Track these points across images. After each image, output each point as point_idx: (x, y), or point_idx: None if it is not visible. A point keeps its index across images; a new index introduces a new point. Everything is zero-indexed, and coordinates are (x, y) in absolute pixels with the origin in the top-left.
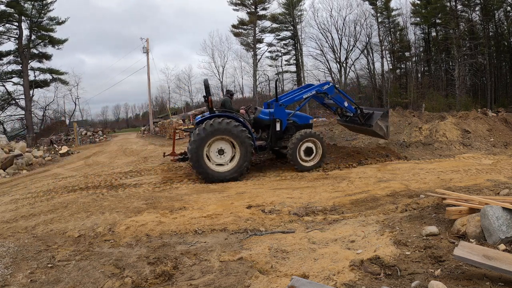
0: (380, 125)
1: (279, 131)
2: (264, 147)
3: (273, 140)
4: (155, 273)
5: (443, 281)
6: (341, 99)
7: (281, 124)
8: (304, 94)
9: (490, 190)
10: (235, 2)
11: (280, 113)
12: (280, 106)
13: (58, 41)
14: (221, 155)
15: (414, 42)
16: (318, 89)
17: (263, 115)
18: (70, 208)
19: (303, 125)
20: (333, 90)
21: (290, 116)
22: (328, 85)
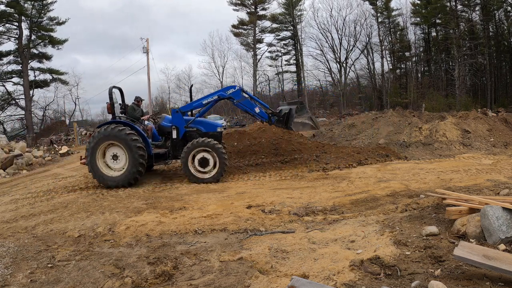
0: (300, 122)
1: (176, 138)
2: (164, 155)
3: (173, 148)
4: (155, 273)
5: (443, 281)
6: (250, 104)
7: (178, 131)
8: (204, 100)
9: (490, 190)
10: (235, 2)
11: (177, 120)
12: (177, 112)
13: (58, 41)
14: (115, 160)
15: (414, 42)
16: (221, 94)
17: (165, 122)
18: (70, 208)
19: (209, 133)
20: (239, 94)
21: (189, 123)
22: (233, 89)
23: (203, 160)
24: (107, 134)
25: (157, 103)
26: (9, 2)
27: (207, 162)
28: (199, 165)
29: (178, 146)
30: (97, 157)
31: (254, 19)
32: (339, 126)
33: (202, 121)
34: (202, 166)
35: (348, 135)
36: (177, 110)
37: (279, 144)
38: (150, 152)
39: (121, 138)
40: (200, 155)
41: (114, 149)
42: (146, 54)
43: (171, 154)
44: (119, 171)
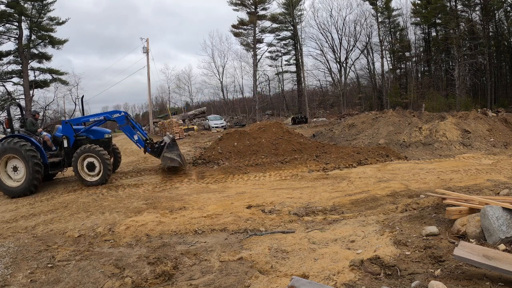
0: (169, 157)
1: (67, 147)
2: (59, 163)
3: (66, 156)
4: (155, 273)
5: (443, 281)
6: (131, 131)
7: (68, 140)
8: (91, 118)
9: (490, 190)
10: (235, 2)
11: (67, 130)
12: (66, 123)
13: (58, 41)
14: (16, 171)
15: (414, 42)
16: (107, 116)
17: (58, 132)
18: (70, 208)
19: (99, 140)
20: (123, 120)
21: (80, 132)
22: (119, 114)
23: (90, 164)
24: (6, 147)
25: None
26: (9, 2)
27: (94, 167)
28: (87, 169)
29: (70, 154)
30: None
31: (254, 19)
32: (339, 126)
33: (91, 130)
34: (90, 170)
35: (348, 135)
36: (66, 121)
37: (279, 144)
38: (46, 161)
39: (17, 150)
40: (87, 160)
41: (14, 162)
42: (146, 54)
43: (65, 162)
44: (19, 181)
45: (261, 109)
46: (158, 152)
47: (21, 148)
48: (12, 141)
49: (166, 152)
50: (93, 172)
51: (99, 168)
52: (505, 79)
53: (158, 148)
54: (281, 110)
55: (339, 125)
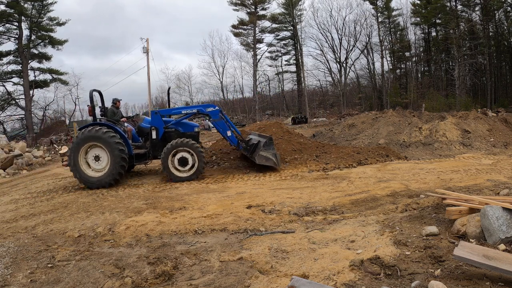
0: (264, 156)
1: (155, 139)
2: (144, 155)
3: (153, 148)
4: (155, 273)
5: (443, 281)
6: (224, 126)
7: (157, 132)
8: (184, 110)
9: (490, 190)
10: (235, 2)
11: (156, 121)
12: (156, 114)
13: (58, 42)
14: (97, 161)
15: (414, 42)
16: (201, 109)
17: (145, 123)
18: (70, 208)
19: (187, 133)
20: (217, 114)
21: (170, 124)
22: (213, 108)
23: (183, 159)
24: (90, 135)
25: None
26: (9, 2)
27: (186, 162)
28: (178, 164)
29: (157, 146)
30: (79, 158)
31: (254, 19)
32: (339, 126)
33: (180, 122)
34: (181, 165)
35: (348, 135)
36: (156, 111)
37: (279, 144)
38: (131, 152)
39: (103, 139)
40: (180, 154)
41: (96, 151)
42: (146, 54)
43: (151, 154)
44: (100, 171)
45: (261, 109)
46: (251, 150)
47: (106, 136)
48: (99, 130)
49: (262, 150)
50: (185, 167)
51: (192, 164)
52: (505, 79)
53: (251, 146)
54: (281, 110)
55: (339, 125)
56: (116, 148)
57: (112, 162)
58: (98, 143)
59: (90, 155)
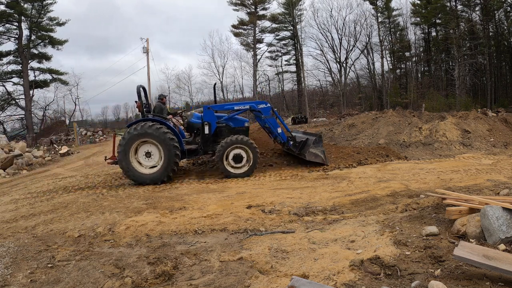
0: (314, 153)
1: (208, 134)
2: (195, 150)
3: (203, 144)
4: (155, 273)
5: (443, 281)
6: (275, 123)
7: (210, 127)
8: (236, 106)
9: (490, 190)
10: (235, 2)
11: (209, 116)
12: (209, 109)
13: (58, 42)
14: (149, 157)
15: (414, 42)
16: (253, 105)
17: (195, 118)
18: (70, 208)
19: (237, 128)
20: (269, 111)
21: (222, 119)
22: (265, 105)
23: (237, 156)
24: (142, 132)
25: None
26: (9, 2)
27: (241, 158)
28: (233, 160)
29: (209, 142)
30: (130, 155)
31: (254, 19)
32: (339, 126)
33: (232, 117)
34: (236, 162)
35: (348, 135)
36: (209, 107)
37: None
38: (183, 148)
39: (156, 135)
40: (235, 151)
41: (147, 147)
42: (146, 54)
43: (201, 149)
44: (151, 168)
45: None
46: (299, 147)
47: (160, 132)
48: (146, 125)
49: (312, 148)
50: (239, 164)
51: (246, 160)
52: (505, 79)
53: (299, 143)
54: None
55: (339, 125)
56: (171, 144)
57: (166, 158)
58: (151, 139)
59: (141, 152)
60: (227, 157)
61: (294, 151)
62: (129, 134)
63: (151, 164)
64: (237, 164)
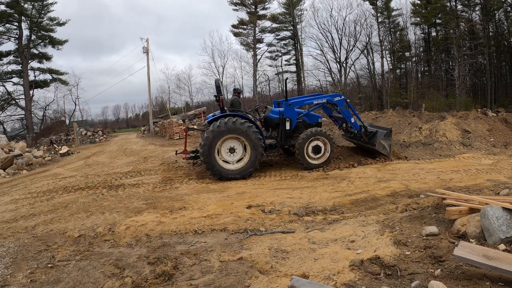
0: (383, 145)
1: (289, 129)
2: (274, 145)
3: (283, 139)
4: (155, 273)
5: (443, 281)
6: (349, 113)
7: (291, 123)
8: (315, 100)
9: (490, 190)
10: (235, 2)
11: (290, 112)
12: (290, 105)
13: (58, 42)
14: (232, 153)
15: (414, 42)
16: (329, 99)
17: (273, 114)
18: (70, 208)
19: (312, 124)
20: (343, 103)
21: (301, 115)
22: (340, 97)
23: (316, 147)
24: (228, 127)
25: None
26: (9, 2)
27: (319, 150)
28: (312, 151)
29: (288, 137)
30: (215, 150)
31: (254, 19)
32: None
33: (308, 113)
34: (315, 153)
35: None
36: (290, 103)
37: None
38: (265, 143)
39: (242, 131)
40: (314, 143)
41: (230, 142)
42: (146, 54)
43: (279, 144)
44: (235, 163)
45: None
46: (370, 136)
47: (249, 129)
48: (238, 121)
49: (383, 139)
50: (318, 155)
51: (323, 152)
52: (505, 79)
53: (370, 133)
54: None
55: None
56: (258, 140)
57: (253, 154)
58: (238, 135)
59: (224, 148)
60: (307, 149)
61: (364, 139)
62: (215, 130)
63: (234, 160)
64: (317, 155)
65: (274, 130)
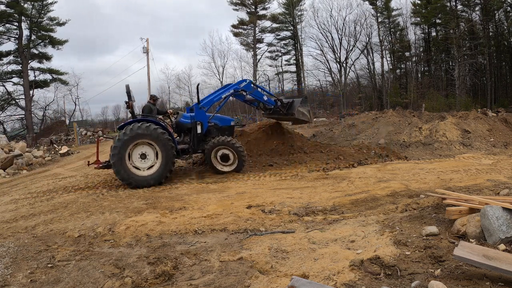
0: (301, 111)
1: (200, 133)
2: (187, 150)
3: (195, 143)
4: (155, 273)
5: (443, 281)
6: (260, 94)
7: (202, 126)
8: (222, 94)
9: (490, 190)
10: (235, 2)
11: (201, 115)
12: (201, 109)
13: (58, 42)
14: (144, 159)
15: (414, 42)
16: (236, 87)
17: (184, 118)
18: (70, 208)
19: (225, 127)
20: (250, 86)
21: (210, 118)
22: (245, 82)
23: (224, 155)
24: (139, 132)
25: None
26: (9, 2)
27: (228, 157)
28: (221, 159)
29: (200, 141)
30: (125, 157)
31: (254, 19)
32: (339, 126)
33: (217, 116)
34: (224, 161)
35: (348, 135)
36: (201, 106)
37: (279, 144)
38: (177, 148)
39: (154, 136)
40: (221, 151)
41: (142, 148)
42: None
43: (192, 149)
44: (147, 170)
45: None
46: (287, 107)
47: (156, 132)
48: (144, 125)
49: (300, 106)
50: (228, 162)
51: (233, 159)
52: (505, 79)
53: (287, 103)
54: None
55: (339, 125)
56: (169, 145)
57: (164, 159)
58: (149, 140)
59: (135, 154)
60: (216, 157)
61: (283, 111)
62: (124, 136)
63: (146, 166)
64: (227, 163)
65: (187, 135)
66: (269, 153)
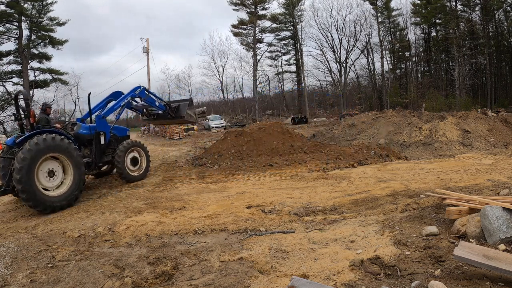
0: (189, 114)
1: (103, 144)
2: (90, 163)
3: (97, 156)
4: (155, 273)
5: (443, 281)
6: (152, 99)
7: (105, 137)
8: (121, 102)
9: (490, 190)
10: (235, 2)
11: (103, 125)
12: (102, 118)
13: (58, 42)
14: (51, 177)
15: (414, 42)
16: (133, 94)
17: (84, 130)
18: (70, 208)
19: (123, 137)
20: (144, 93)
21: (111, 128)
22: (140, 89)
23: (134, 159)
24: (47, 145)
25: None
26: (9, 2)
27: (137, 161)
28: (130, 164)
29: (102, 153)
30: (34, 178)
31: (254, 19)
32: (339, 126)
33: (116, 127)
34: (134, 165)
35: (348, 135)
36: (102, 116)
37: (279, 144)
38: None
39: (63, 148)
40: (131, 155)
41: (48, 164)
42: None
43: (93, 163)
44: (55, 190)
45: (261, 109)
46: (175, 111)
47: (69, 145)
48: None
49: (188, 109)
50: (136, 166)
51: (140, 163)
52: (505, 79)
53: (175, 108)
54: (281, 110)
55: (339, 125)
56: (79, 157)
57: (77, 174)
58: (58, 153)
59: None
60: (126, 161)
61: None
62: (33, 148)
63: (55, 185)
64: (135, 167)
65: (86, 147)
66: (269, 153)
